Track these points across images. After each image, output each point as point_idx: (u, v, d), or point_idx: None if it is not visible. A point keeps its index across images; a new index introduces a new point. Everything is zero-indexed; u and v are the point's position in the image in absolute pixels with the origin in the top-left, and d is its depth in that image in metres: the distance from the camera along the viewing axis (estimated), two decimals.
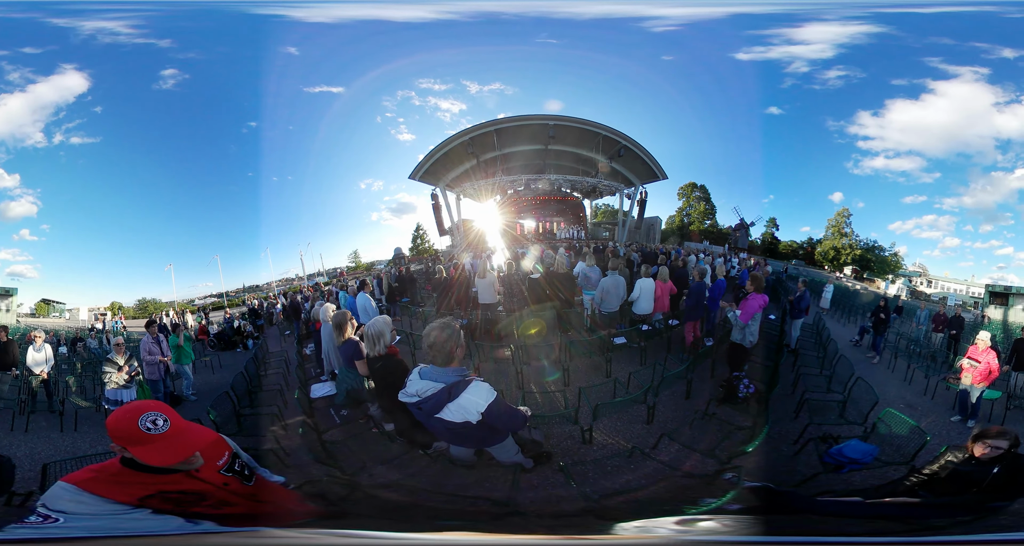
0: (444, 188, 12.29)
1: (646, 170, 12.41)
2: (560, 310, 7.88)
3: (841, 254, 11.13)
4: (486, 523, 3.30)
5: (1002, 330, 8.78)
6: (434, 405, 2.97)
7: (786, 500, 3.44)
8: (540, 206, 13.70)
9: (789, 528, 2.70)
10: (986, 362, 5.69)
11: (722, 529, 2.74)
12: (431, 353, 3.00)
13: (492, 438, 3.41)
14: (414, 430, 3.71)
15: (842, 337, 8.53)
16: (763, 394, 5.52)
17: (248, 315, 10.70)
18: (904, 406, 6.16)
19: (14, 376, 7.05)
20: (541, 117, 11.49)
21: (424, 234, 12.59)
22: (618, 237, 13.49)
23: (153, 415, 1.92)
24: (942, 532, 2.65)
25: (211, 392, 6.64)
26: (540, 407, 5.50)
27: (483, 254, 11.75)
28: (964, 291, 9.88)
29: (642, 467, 4.40)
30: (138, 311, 10.10)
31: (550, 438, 4.89)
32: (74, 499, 1.85)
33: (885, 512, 3.09)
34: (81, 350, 9.47)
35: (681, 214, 13.33)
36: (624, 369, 6.32)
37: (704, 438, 4.87)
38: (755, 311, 5.95)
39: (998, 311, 9.17)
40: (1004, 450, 3.13)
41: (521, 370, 6.35)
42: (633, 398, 5.19)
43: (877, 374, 7.37)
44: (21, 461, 4.73)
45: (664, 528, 2.87)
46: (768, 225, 11.76)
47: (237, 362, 8.69)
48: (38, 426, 6.15)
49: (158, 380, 6.94)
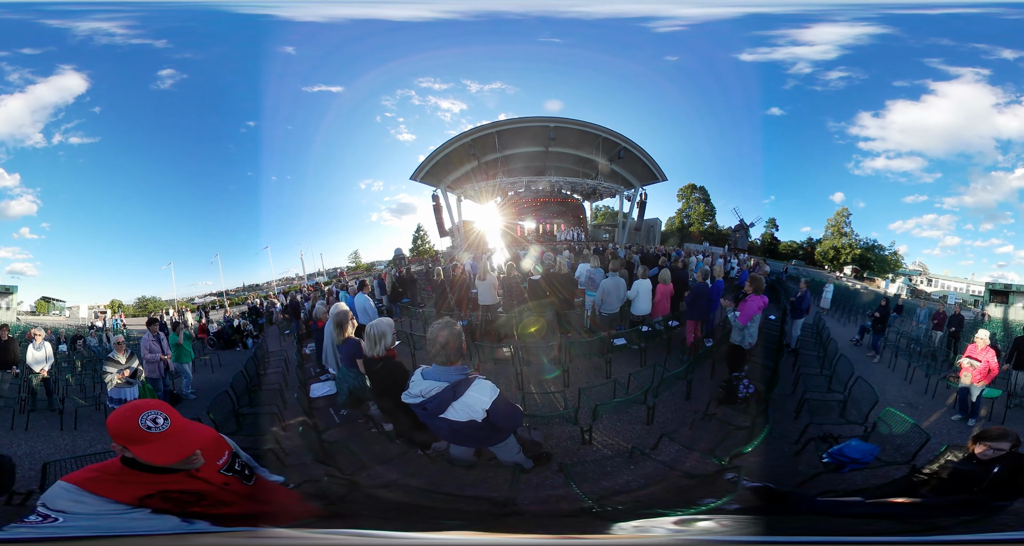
0: (445, 189, 12.29)
1: (646, 172, 12.41)
2: (560, 311, 7.88)
3: (841, 254, 11.13)
4: (486, 523, 3.29)
5: (1002, 328, 8.79)
6: (439, 404, 2.98)
7: (787, 500, 3.44)
8: (540, 208, 13.70)
9: (790, 528, 2.70)
10: (986, 361, 5.69)
11: (722, 529, 2.73)
12: (435, 352, 3.02)
13: (495, 437, 3.42)
14: (414, 430, 3.71)
15: (842, 337, 8.53)
16: (763, 394, 5.52)
17: (248, 314, 10.69)
18: (904, 405, 6.16)
19: (14, 375, 7.04)
20: (542, 119, 11.49)
21: (424, 235, 12.58)
22: (618, 239, 13.49)
23: (153, 413, 1.92)
24: (943, 532, 2.65)
25: (210, 391, 6.64)
26: (540, 408, 5.49)
27: (483, 255, 11.75)
28: (964, 289, 9.89)
29: (642, 467, 4.39)
30: (138, 309, 10.10)
31: (550, 438, 4.89)
32: (74, 499, 1.85)
33: (886, 512, 3.08)
34: (81, 348, 9.47)
35: (681, 215, 13.34)
36: (624, 370, 6.32)
37: (704, 438, 4.87)
38: (754, 313, 5.94)
39: (998, 309, 9.18)
40: (1005, 451, 3.13)
41: (521, 370, 6.34)
42: (633, 399, 5.19)
43: (877, 373, 7.37)
44: (21, 460, 4.72)
45: (664, 528, 2.86)
46: (768, 226, 11.77)
47: (236, 361, 8.68)
48: (38, 424, 6.14)
49: (158, 378, 6.94)
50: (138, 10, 7.77)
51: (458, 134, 11.51)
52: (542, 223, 13.73)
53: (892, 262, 10.67)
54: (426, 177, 11.79)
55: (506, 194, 13.09)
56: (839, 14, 7.40)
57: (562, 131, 11.68)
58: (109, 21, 7.68)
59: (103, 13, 7.64)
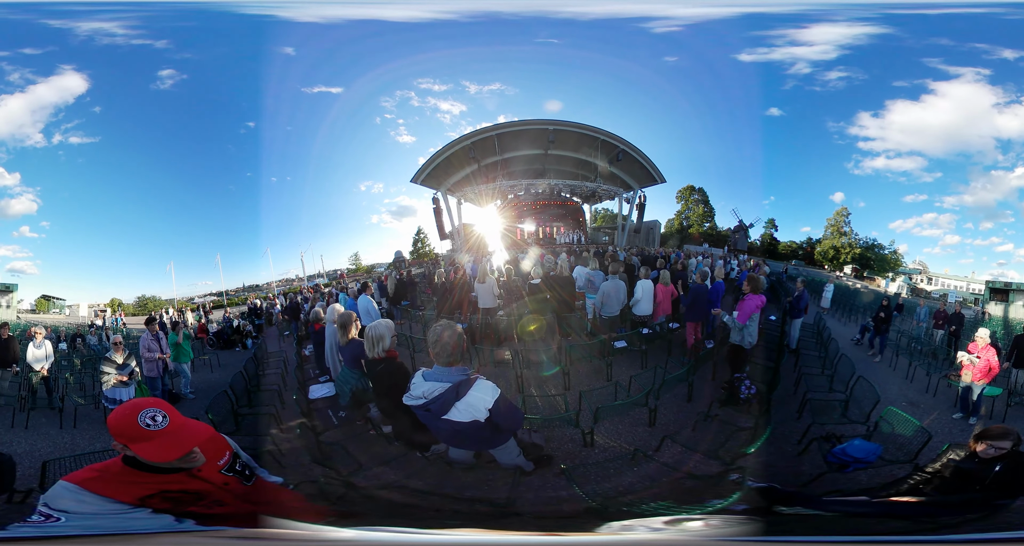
0: (445, 192, 12.30)
1: (645, 174, 12.42)
2: (560, 314, 7.87)
3: (841, 253, 11.14)
4: (486, 524, 3.28)
5: (1003, 326, 8.79)
6: (442, 405, 2.98)
7: (792, 500, 3.42)
8: (540, 210, 13.72)
9: (797, 528, 2.69)
10: (986, 359, 5.69)
11: (728, 530, 2.72)
12: (436, 352, 3.03)
13: (496, 439, 3.41)
14: (413, 432, 3.70)
15: (843, 336, 8.52)
16: (765, 395, 5.51)
17: (248, 314, 10.68)
18: (906, 404, 6.15)
19: (14, 373, 7.03)
20: (541, 121, 11.50)
21: (425, 237, 12.57)
22: (617, 241, 13.49)
23: (152, 411, 1.92)
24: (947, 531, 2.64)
25: (209, 391, 6.63)
26: (541, 410, 5.48)
27: (483, 258, 11.75)
28: (964, 288, 9.90)
29: (645, 469, 4.38)
30: (138, 308, 10.08)
31: (551, 441, 4.87)
32: (76, 498, 1.84)
33: (891, 511, 3.07)
34: (81, 346, 9.47)
35: (680, 217, 13.35)
36: (625, 373, 6.29)
37: (707, 440, 4.85)
38: (752, 312, 5.94)
39: (998, 307, 9.19)
40: (1007, 450, 3.13)
41: (521, 373, 6.33)
42: (634, 401, 5.17)
43: (879, 372, 7.35)
44: (21, 458, 4.70)
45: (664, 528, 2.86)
46: (767, 226, 11.76)
47: (236, 361, 8.66)
48: (38, 423, 6.13)
49: (156, 378, 6.92)
50: (139, 10, 7.78)
51: (458, 137, 11.51)
52: (542, 226, 13.74)
53: (892, 261, 10.67)
54: (426, 180, 11.78)
55: (506, 197, 13.10)
56: (838, 14, 7.41)
57: (561, 134, 11.69)
58: (111, 21, 7.69)
59: (105, 13, 7.65)
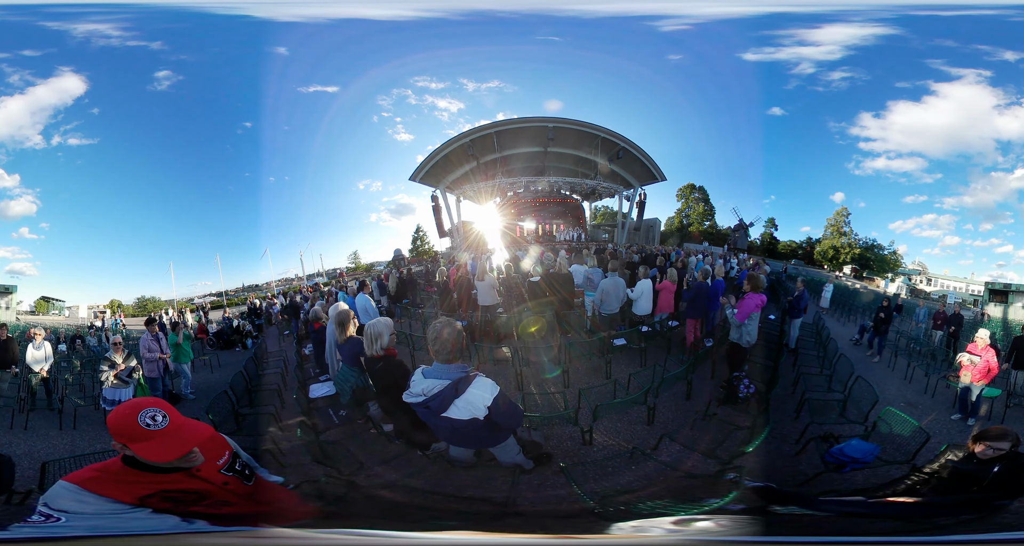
0: (444, 190, 12.28)
1: (645, 172, 12.41)
2: (560, 311, 7.88)
3: (840, 253, 11.14)
4: (486, 523, 3.29)
5: (1002, 327, 8.80)
6: (441, 402, 2.99)
7: (789, 500, 3.43)
8: (540, 208, 13.71)
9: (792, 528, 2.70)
10: (985, 360, 5.70)
11: (724, 529, 2.73)
12: (435, 349, 3.04)
13: (495, 437, 3.41)
14: (413, 431, 3.71)
15: (842, 336, 8.53)
16: (763, 394, 5.52)
17: (247, 314, 10.68)
18: (904, 405, 6.16)
19: (14, 374, 7.03)
20: (540, 119, 11.47)
21: (424, 236, 12.56)
22: (617, 239, 13.49)
23: (152, 411, 1.92)
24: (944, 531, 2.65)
25: (209, 391, 6.63)
26: (540, 408, 5.48)
27: (483, 256, 11.75)
28: (964, 289, 9.91)
29: (643, 468, 4.39)
30: (137, 309, 10.08)
31: (550, 439, 4.88)
32: (76, 499, 1.85)
33: (888, 511, 3.08)
34: (80, 348, 9.47)
35: (680, 215, 13.34)
36: (624, 370, 6.31)
37: (705, 439, 4.86)
38: (751, 310, 5.94)
39: (998, 309, 9.20)
40: (1005, 451, 3.13)
41: (521, 371, 6.34)
42: (633, 399, 5.18)
43: (877, 373, 7.36)
44: (20, 459, 4.72)
45: (664, 528, 2.87)
46: (767, 225, 11.76)
47: (236, 361, 8.67)
48: (37, 424, 6.13)
49: (157, 378, 6.92)
50: (131, 11, 7.77)
51: (457, 134, 11.48)
52: (541, 223, 13.73)
53: (892, 262, 10.68)
54: (425, 178, 11.77)
55: (505, 194, 13.08)
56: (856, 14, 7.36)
57: (561, 131, 11.67)
58: (104, 23, 7.67)
59: (98, 15, 7.64)
